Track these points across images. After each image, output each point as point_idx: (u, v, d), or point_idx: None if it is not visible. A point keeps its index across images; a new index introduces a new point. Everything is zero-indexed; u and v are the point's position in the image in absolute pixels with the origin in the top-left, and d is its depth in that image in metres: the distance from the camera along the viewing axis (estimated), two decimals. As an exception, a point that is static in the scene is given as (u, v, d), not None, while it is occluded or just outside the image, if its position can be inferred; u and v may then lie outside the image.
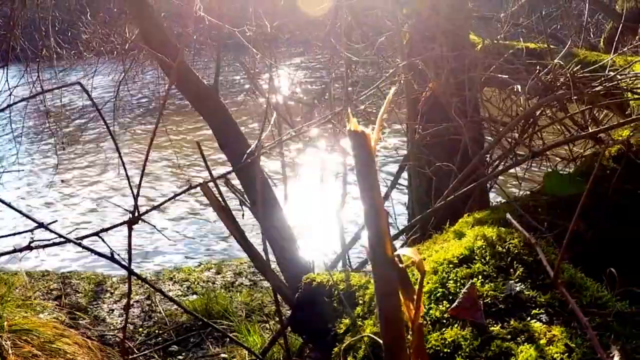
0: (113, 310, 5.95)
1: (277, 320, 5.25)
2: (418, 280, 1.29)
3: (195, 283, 6.66)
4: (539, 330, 1.45)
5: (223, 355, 4.80)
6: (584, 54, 4.52)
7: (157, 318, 5.69)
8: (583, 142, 3.50)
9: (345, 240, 3.18)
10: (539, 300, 1.55)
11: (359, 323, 1.85)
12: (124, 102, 13.28)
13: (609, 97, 3.16)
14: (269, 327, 5.22)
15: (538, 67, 3.23)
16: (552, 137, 3.49)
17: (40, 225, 1.93)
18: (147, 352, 5.01)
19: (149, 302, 5.99)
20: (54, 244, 2.08)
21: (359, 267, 3.09)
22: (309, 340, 2.42)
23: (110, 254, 1.99)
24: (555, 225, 2.17)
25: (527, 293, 1.58)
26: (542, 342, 1.42)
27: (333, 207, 3.34)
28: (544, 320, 1.49)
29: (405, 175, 4.06)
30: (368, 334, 1.72)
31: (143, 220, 2.19)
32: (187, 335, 5.32)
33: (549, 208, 2.35)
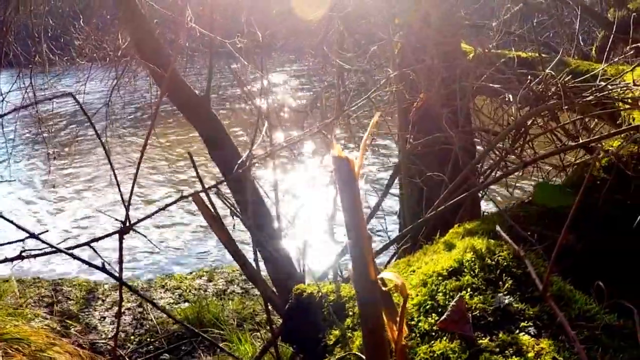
0: (104, 318, 5.94)
1: (268, 329, 5.25)
2: (401, 303, 1.30)
3: (187, 291, 6.66)
4: (527, 344, 1.46)
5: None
6: (576, 63, 4.53)
7: (148, 326, 5.68)
8: (574, 151, 3.51)
9: (337, 250, 3.19)
10: (528, 313, 1.56)
11: (349, 334, 1.86)
12: (116, 108, 13.28)
13: (601, 106, 3.17)
14: (260, 335, 5.22)
15: (529, 76, 3.24)
16: (543, 145, 3.50)
17: (32, 236, 1.93)
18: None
19: (141, 309, 5.99)
20: (45, 254, 2.08)
21: (349, 277, 3.09)
22: (300, 351, 2.42)
23: (102, 265, 1.99)
24: (545, 237, 2.17)
25: (515, 306, 1.58)
26: (530, 355, 1.43)
27: (324, 216, 3.34)
28: (533, 333, 1.50)
29: (397, 185, 4.07)
30: (354, 352, 1.72)
31: (134, 230, 2.19)
32: (178, 344, 5.32)
33: (540, 218, 2.36)
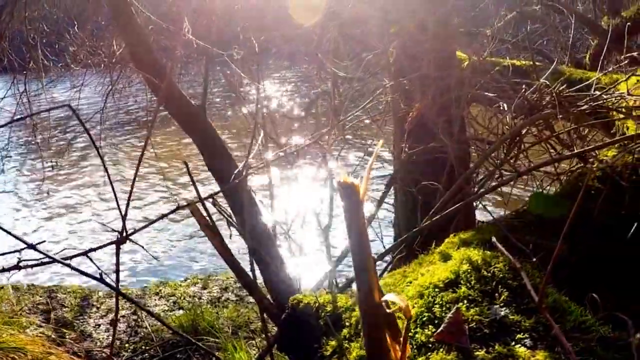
0: (99, 326, 5.94)
1: (263, 337, 5.26)
2: (404, 325, 1.32)
3: (182, 298, 6.66)
4: (523, 355, 1.47)
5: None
6: (570, 72, 4.55)
7: (143, 334, 5.69)
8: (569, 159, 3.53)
9: (332, 259, 3.20)
10: (524, 325, 1.57)
11: (346, 345, 1.86)
12: (111, 115, 13.27)
13: (595, 115, 3.19)
14: (255, 343, 5.23)
15: (524, 85, 3.26)
16: (537, 153, 3.51)
17: (29, 246, 1.94)
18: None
19: (136, 317, 5.99)
20: (42, 264, 2.09)
21: (345, 286, 3.10)
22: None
23: (100, 275, 1.99)
24: (541, 247, 2.19)
25: (511, 317, 1.59)
26: (526, 367, 1.44)
27: (320, 225, 3.35)
28: (528, 345, 1.51)
29: (392, 193, 4.08)
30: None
31: (131, 241, 2.20)
32: (173, 352, 5.32)
33: (535, 228, 2.37)
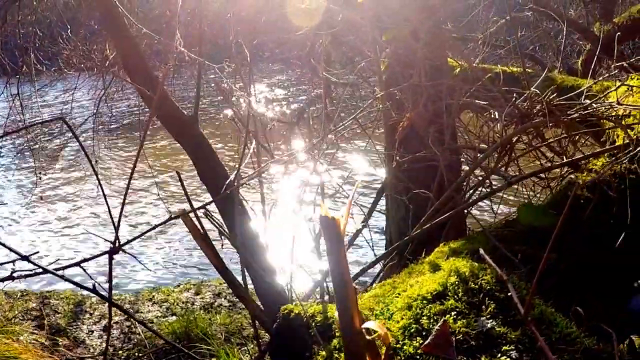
0: (92, 332, 5.94)
1: (255, 344, 5.28)
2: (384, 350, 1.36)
3: (175, 304, 6.66)
4: (509, 367, 1.50)
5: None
6: (561, 79, 4.57)
7: (136, 340, 5.69)
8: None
9: (323, 268, 3.22)
10: (510, 337, 1.59)
11: (336, 355, 1.88)
12: (105, 120, 13.24)
13: (586, 122, 3.21)
14: (248, 350, 5.23)
15: (515, 94, 3.28)
16: (529, 159, 3.53)
17: (23, 258, 1.96)
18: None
19: (129, 323, 5.98)
20: (36, 274, 2.11)
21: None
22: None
23: (93, 286, 2.01)
24: (530, 256, 2.21)
25: (498, 329, 1.62)
26: (512, 379, 1.47)
27: (311, 235, 3.37)
28: (514, 357, 1.53)
29: (383, 201, 4.10)
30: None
31: (124, 251, 2.22)
32: (166, 358, 5.32)
33: (524, 237, 2.40)
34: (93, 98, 9.56)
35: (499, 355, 1.55)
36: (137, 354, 5.43)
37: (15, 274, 2.05)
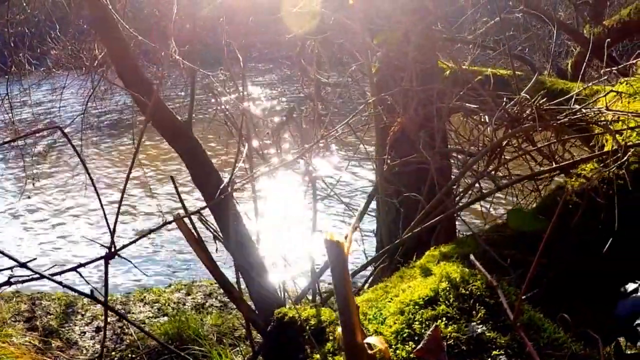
0: (85, 333, 5.94)
1: (248, 344, 5.30)
2: None
3: (166, 304, 6.67)
4: (499, 372, 1.54)
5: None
6: (551, 82, 4.62)
7: (129, 341, 5.69)
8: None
9: (315, 269, 3.26)
10: (499, 342, 1.63)
11: (330, 358, 1.92)
12: (95, 119, 13.23)
13: (575, 127, 3.24)
14: (241, 350, 5.26)
15: (505, 98, 3.30)
16: (519, 162, 3.55)
17: (22, 265, 1.98)
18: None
19: (121, 324, 5.98)
20: (32, 279, 2.13)
21: (327, 297, 3.17)
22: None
23: (91, 292, 2.04)
24: (520, 261, 2.25)
25: (488, 334, 1.66)
26: (501, 383, 1.51)
27: (303, 236, 3.41)
28: (504, 362, 1.57)
29: (374, 204, 4.13)
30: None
31: (119, 256, 2.25)
32: (159, 359, 5.34)
33: (513, 242, 2.44)
34: (82, 97, 9.56)
35: (489, 360, 1.59)
36: (130, 355, 5.45)
37: (13, 279, 2.08)
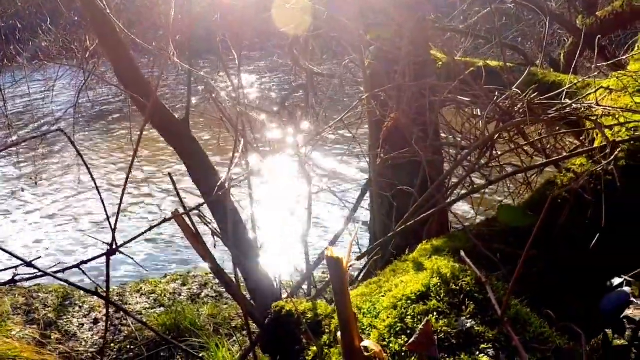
0: (83, 325, 5.99)
1: (243, 334, 5.38)
2: None
3: (162, 295, 6.72)
4: (487, 364, 1.61)
5: (194, 370, 4.90)
6: (543, 74, 4.65)
7: (127, 332, 5.75)
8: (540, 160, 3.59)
9: (310, 262, 3.33)
10: (487, 336, 1.69)
11: (326, 351, 1.99)
12: (86, 110, 13.21)
13: (567, 120, 3.28)
14: (237, 340, 5.32)
15: (497, 92, 3.34)
16: (509, 156, 3.59)
17: (26, 264, 2.04)
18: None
19: (119, 316, 6.04)
20: (36, 277, 2.20)
21: (323, 288, 3.23)
22: (278, 361, 2.54)
23: (95, 289, 2.10)
24: (509, 255, 2.31)
25: (477, 329, 1.72)
26: (489, 375, 1.58)
27: (299, 229, 3.47)
28: (491, 355, 1.63)
29: (368, 196, 4.18)
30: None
31: (121, 252, 2.30)
32: (157, 350, 5.40)
33: (504, 236, 2.49)
34: (74, 87, 9.56)
35: (478, 353, 1.65)
36: (128, 347, 5.51)
37: (17, 277, 2.14)
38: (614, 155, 2.49)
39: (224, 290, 6.78)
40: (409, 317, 1.83)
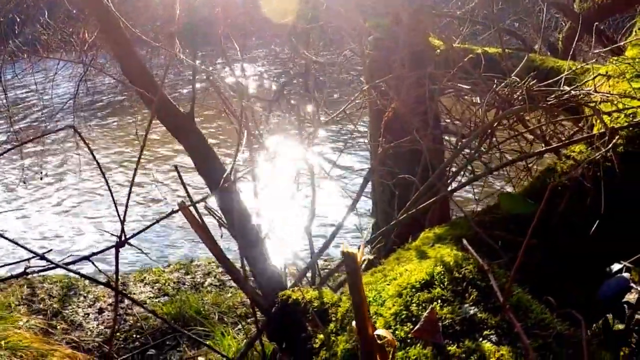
0: (88, 315, 6.02)
1: (248, 322, 5.44)
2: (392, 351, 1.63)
3: (166, 284, 6.77)
4: (490, 350, 1.64)
5: (200, 359, 4.94)
6: (541, 60, 4.67)
7: (132, 321, 5.79)
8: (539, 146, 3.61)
9: (314, 250, 3.37)
10: (490, 322, 1.74)
11: (333, 338, 2.04)
12: (93, 108, 13.22)
13: (566, 106, 3.30)
14: (243, 328, 5.37)
15: (496, 80, 3.36)
16: (509, 143, 3.62)
17: (41, 257, 2.08)
18: (126, 357, 5.13)
19: (123, 305, 6.08)
20: (48, 269, 2.25)
21: (327, 276, 3.28)
22: (284, 350, 2.59)
23: (108, 281, 2.15)
24: (510, 242, 2.35)
25: (480, 316, 1.76)
26: (492, 360, 1.63)
27: (302, 218, 3.51)
28: (494, 341, 1.68)
29: (370, 186, 4.22)
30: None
31: (129, 244, 2.35)
32: (163, 339, 5.45)
33: (505, 223, 2.52)
34: (72, 78, 9.57)
35: (481, 340, 1.69)
36: (134, 336, 5.56)
37: (29, 270, 2.19)
38: (613, 142, 2.49)
39: (227, 279, 6.84)
40: (414, 304, 1.88)
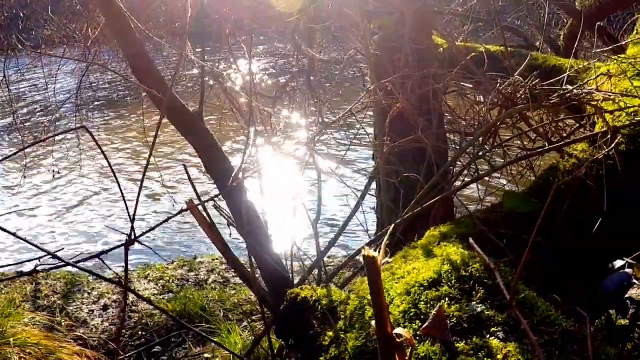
0: (93, 311, 6.04)
1: (253, 319, 5.47)
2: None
3: (170, 281, 6.79)
4: (497, 347, 1.68)
5: (206, 355, 4.97)
6: (544, 58, 4.68)
7: (137, 318, 5.81)
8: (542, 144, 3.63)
9: (321, 249, 3.40)
10: (497, 320, 1.78)
11: (342, 336, 2.08)
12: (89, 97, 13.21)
13: (568, 104, 3.32)
14: (249, 325, 5.39)
15: (499, 79, 3.38)
16: (512, 141, 3.64)
17: (53, 256, 2.12)
18: (132, 354, 5.16)
19: (128, 302, 6.08)
20: (57, 267, 2.28)
21: (333, 274, 3.31)
22: (292, 347, 2.62)
23: (118, 279, 2.19)
24: (516, 240, 2.38)
25: (487, 313, 1.80)
26: (499, 357, 1.65)
27: (309, 216, 3.54)
28: (501, 338, 1.72)
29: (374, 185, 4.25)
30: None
31: (139, 242, 2.38)
32: (168, 336, 5.47)
33: (510, 221, 2.55)
34: (75, 74, 9.57)
35: (488, 336, 1.73)
36: (140, 333, 5.58)
37: (39, 268, 2.22)
38: (615, 141, 2.51)
39: (231, 276, 6.87)
40: (422, 303, 1.92)
